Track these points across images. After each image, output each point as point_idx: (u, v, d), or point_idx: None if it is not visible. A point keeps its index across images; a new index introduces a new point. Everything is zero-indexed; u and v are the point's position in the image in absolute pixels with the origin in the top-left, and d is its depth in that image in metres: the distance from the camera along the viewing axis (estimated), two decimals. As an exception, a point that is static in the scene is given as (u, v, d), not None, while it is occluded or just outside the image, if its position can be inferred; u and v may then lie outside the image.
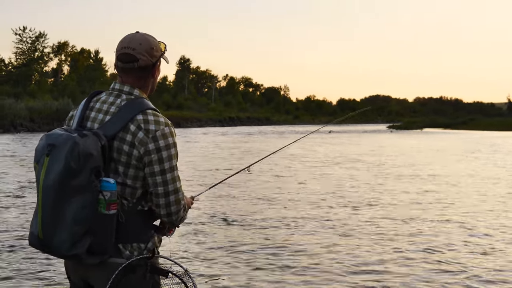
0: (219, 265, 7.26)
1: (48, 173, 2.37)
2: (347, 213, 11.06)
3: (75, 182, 2.35)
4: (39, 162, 2.42)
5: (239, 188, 14.41)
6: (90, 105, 2.66)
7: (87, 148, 2.37)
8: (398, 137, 54.09)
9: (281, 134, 55.01)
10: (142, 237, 2.60)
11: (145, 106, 2.58)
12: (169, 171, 2.57)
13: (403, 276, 6.87)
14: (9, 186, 14.17)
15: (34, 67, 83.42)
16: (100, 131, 2.49)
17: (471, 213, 11.27)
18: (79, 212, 2.37)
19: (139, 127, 2.52)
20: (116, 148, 2.53)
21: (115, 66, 2.69)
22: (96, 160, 2.40)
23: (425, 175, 18.21)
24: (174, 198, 2.62)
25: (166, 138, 2.56)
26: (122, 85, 2.66)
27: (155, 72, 2.72)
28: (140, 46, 2.61)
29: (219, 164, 20.00)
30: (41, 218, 2.39)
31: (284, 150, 4.90)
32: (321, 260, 7.56)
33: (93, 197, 2.39)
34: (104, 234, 2.45)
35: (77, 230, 2.38)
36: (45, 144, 2.42)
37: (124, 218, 2.53)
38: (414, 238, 8.95)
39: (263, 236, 8.85)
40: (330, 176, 17.73)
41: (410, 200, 12.92)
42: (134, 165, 2.54)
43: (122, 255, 2.54)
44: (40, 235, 2.41)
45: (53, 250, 2.43)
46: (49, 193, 2.37)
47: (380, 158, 25.90)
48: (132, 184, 2.57)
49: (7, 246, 7.96)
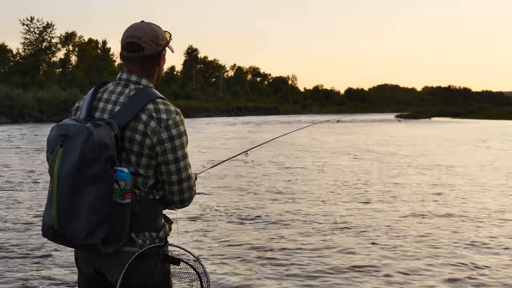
0: (230, 261, 7.26)
1: (63, 164, 2.37)
2: (367, 208, 10.87)
3: (90, 172, 2.36)
4: (53, 152, 2.43)
5: (246, 179, 14.41)
6: (98, 96, 2.67)
7: (101, 137, 2.38)
8: (407, 127, 53.92)
9: (289, 124, 54.92)
10: (153, 226, 2.63)
11: (155, 95, 2.60)
12: (182, 159, 2.61)
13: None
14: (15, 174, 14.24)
15: (42, 57, 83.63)
16: (112, 121, 2.49)
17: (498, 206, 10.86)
18: (95, 202, 2.38)
19: (150, 116, 2.53)
20: (128, 138, 2.54)
21: (121, 55, 2.70)
22: (110, 150, 2.41)
23: (442, 167, 17.62)
24: (187, 185, 2.66)
25: (178, 126, 2.58)
26: (129, 75, 2.66)
27: (160, 61, 2.72)
28: (145, 35, 2.61)
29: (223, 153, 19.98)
30: (56, 208, 2.40)
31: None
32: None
33: (108, 187, 2.40)
34: (120, 223, 2.45)
35: (93, 219, 2.38)
36: (57, 134, 2.42)
37: (137, 207, 2.55)
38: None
39: (273, 233, 8.81)
40: (342, 168, 17.62)
41: (428, 193, 12.68)
42: (147, 154, 2.56)
43: (135, 244, 2.56)
44: (55, 225, 2.41)
45: (69, 240, 2.43)
46: (64, 183, 2.37)
47: (390, 148, 25.83)
48: (145, 173, 2.58)
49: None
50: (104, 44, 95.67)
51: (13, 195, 11.43)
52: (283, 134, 4.62)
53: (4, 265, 6.68)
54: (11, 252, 7.19)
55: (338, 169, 17.02)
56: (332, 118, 43.59)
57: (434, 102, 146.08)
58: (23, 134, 31.07)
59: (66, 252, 7.00)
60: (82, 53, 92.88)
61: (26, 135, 30.48)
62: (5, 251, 7.25)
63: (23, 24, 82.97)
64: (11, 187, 12.41)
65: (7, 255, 7.08)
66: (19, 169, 15.77)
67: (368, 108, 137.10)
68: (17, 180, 13.46)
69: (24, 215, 9.40)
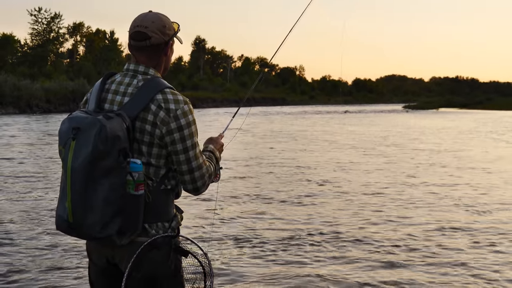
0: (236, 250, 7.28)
1: (76, 157, 2.38)
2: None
3: (104, 165, 2.38)
4: (65, 146, 2.44)
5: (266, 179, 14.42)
6: (106, 87, 2.68)
7: (114, 130, 2.39)
8: (414, 117, 53.73)
9: (302, 115, 54.77)
10: (166, 216, 2.65)
11: (163, 86, 2.61)
12: (191, 149, 2.61)
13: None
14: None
15: (49, 48, 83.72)
16: (123, 112, 2.50)
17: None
18: (109, 194, 2.40)
19: (159, 106, 2.55)
20: (138, 129, 2.56)
21: (129, 45, 2.71)
22: (123, 142, 2.43)
23: (465, 162, 16.97)
24: (198, 174, 2.66)
25: (186, 116, 2.60)
26: (137, 65, 2.67)
27: (167, 50, 2.73)
28: (152, 24, 2.63)
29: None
30: (70, 201, 2.41)
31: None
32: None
33: (122, 179, 2.42)
34: (134, 214, 2.48)
35: (107, 211, 2.41)
36: (69, 127, 2.43)
37: (150, 198, 2.57)
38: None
39: (283, 227, 8.83)
40: (358, 165, 17.52)
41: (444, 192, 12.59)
42: (157, 144, 2.59)
43: (148, 235, 2.59)
44: (70, 218, 2.42)
45: (84, 233, 2.45)
46: (78, 176, 2.38)
47: (403, 140, 25.74)
48: (156, 163, 2.61)
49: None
50: (112, 34, 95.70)
51: (27, 185, 11.50)
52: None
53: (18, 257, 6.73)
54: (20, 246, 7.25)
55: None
56: (340, 109, 43.26)
57: (442, 93, 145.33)
58: (32, 124, 31.13)
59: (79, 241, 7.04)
60: (89, 43, 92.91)
61: (35, 126, 30.54)
62: (15, 245, 7.31)
63: (31, 14, 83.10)
64: (24, 179, 12.48)
65: (17, 249, 7.13)
66: (30, 162, 15.84)
67: (375, 99, 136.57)
68: (31, 170, 13.53)
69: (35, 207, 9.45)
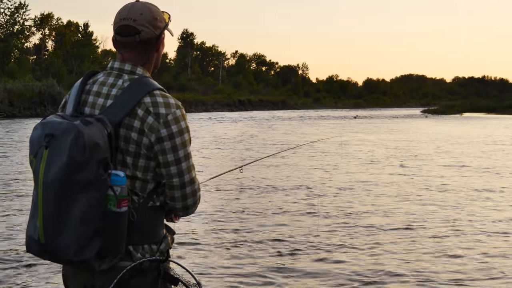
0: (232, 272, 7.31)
1: (49, 168, 2.34)
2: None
3: (80, 177, 2.33)
4: (37, 155, 2.39)
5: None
6: (86, 88, 2.64)
7: (92, 137, 2.34)
8: (435, 123, 53.61)
9: (302, 120, 54.75)
10: (154, 237, 2.61)
11: (152, 87, 2.57)
12: (184, 160, 2.58)
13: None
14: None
15: (13, 42, 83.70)
16: (104, 117, 2.46)
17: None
18: (86, 211, 2.35)
19: (147, 111, 2.50)
20: (123, 137, 2.51)
21: (113, 40, 2.68)
22: (103, 151, 2.38)
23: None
24: (190, 190, 2.64)
25: (178, 122, 2.56)
26: (122, 63, 2.64)
27: (159, 46, 2.71)
28: (141, 16, 2.59)
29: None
30: (42, 220, 2.36)
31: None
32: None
33: (101, 194, 2.37)
34: (116, 235, 2.43)
35: (84, 231, 2.35)
36: (41, 134, 2.39)
37: (135, 216, 2.54)
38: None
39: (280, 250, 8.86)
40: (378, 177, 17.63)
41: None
42: (144, 155, 2.54)
43: (133, 259, 2.54)
44: (41, 239, 2.37)
45: (57, 255, 2.40)
46: (50, 191, 2.34)
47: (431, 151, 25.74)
48: (143, 176, 2.56)
49: None
50: (86, 27, 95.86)
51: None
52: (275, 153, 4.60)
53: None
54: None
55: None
56: (348, 114, 43.31)
57: (466, 95, 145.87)
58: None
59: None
60: (60, 37, 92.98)
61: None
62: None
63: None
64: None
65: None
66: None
67: (390, 102, 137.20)
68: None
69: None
